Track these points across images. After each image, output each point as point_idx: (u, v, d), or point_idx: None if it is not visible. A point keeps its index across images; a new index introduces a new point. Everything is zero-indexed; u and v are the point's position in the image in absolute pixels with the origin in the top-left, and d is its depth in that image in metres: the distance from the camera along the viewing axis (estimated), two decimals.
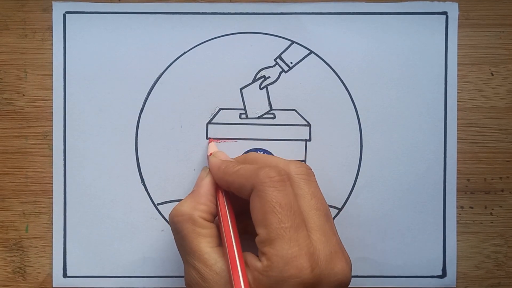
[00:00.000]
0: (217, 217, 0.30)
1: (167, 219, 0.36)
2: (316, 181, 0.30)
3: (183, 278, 0.36)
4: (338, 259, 0.27)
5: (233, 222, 0.29)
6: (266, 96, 0.36)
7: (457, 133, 0.36)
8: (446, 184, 0.36)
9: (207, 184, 0.31)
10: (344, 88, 0.36)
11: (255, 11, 0.36)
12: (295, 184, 0.29)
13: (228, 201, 0.31)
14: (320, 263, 0.26)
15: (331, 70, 0.36)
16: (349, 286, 0.28)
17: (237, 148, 0.36)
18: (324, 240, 0.27)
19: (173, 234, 0.31)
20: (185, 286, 0.30)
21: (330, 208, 0.35)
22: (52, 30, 0.36)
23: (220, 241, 0.29)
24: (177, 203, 0.36)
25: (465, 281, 0.36)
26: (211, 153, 0.33)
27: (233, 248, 0.28)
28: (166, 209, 0.36)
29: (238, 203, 0.31)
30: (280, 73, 0.36)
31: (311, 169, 0.30)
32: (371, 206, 0.36)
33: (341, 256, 0.27)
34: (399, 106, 0.36)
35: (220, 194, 0.31)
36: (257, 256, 0.27)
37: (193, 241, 0.29)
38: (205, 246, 0.28)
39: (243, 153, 0.36)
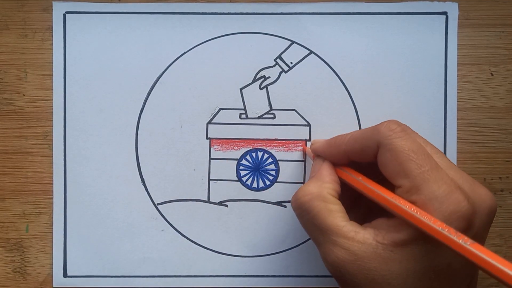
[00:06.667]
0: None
1: (167, 219, 0.36)
2: None
3: (182, 278, 0.36)
4: (478, 187, 0.27)
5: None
6: (266, 96, 0.36)
7: (457, 133, 0.36)
8: None
9: (327, 166, 0.31)
10: (344, 88, 0.36)
11: (255, 11, 0.36)
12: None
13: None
14: (468, 193, 0.25)
15: (331, 70, 0.36)
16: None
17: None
18: (458, 175, 0.27)
19: (300, 217, 0.29)
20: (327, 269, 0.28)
21: None
22: (52, 30, 0.36)
23: (349, 217, 0.28)
24: (176, 203, 0.36)
25: None
26: (311, 144, 0.33)
27: (390, 194, 0.26)
28: (166, 209, 0.36)
29: (349, 196, 0.30)
30: (280, 73, 0.36)
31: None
32: None
33: (478, 184, 0.27)
34: (399, 106, 0.36)
35: (344, 168, 0.30)
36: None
37: (328, 217, 0.28)
38: (341, 220, 0.27)
39: (243, 153, 0.36)
